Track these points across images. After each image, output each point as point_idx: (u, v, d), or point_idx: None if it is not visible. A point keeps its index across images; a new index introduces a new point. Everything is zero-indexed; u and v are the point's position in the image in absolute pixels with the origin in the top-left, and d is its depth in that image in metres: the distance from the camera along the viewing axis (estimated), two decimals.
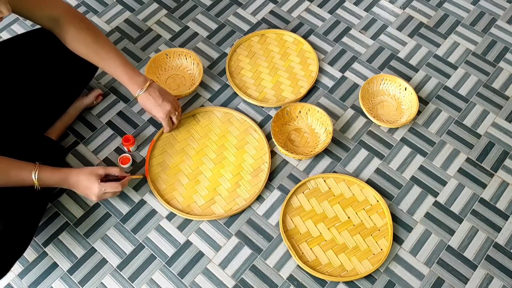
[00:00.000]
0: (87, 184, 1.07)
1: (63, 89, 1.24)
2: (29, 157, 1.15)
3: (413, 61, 1.48)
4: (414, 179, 1.28)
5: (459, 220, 1.22)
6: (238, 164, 1.27)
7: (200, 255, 1.18)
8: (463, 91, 1.43)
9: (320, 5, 1.61)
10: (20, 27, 1.56)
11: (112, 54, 1.14)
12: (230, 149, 1.30)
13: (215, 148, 1.30)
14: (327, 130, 1.30)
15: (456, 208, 1.24)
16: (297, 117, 1.35)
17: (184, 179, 1.26)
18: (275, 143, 1.27)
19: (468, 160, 1.31)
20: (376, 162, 1.30)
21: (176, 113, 1.25)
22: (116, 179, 1.13)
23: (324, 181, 1.26)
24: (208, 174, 1.26)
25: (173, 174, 1.27)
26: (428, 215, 1.23)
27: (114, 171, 1.13)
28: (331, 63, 1.48)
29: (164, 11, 1.59)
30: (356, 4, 1.61)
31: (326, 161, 1.30)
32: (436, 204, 1.25)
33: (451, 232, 1.21)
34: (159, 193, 1.24)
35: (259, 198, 1.25)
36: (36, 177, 1.01)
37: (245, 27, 1.56)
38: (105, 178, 1.11)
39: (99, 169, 1.10)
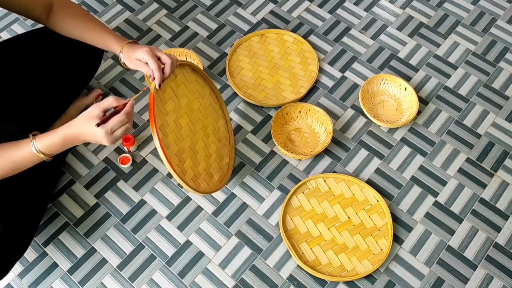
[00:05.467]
0: (89, 130, 0.91)
1: (63, 89, 1.24)
2: None
3: (413, 61, 1.48)
4: (414, 179, 1.28)
5: (459, 220, 1.22)
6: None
7: (200, 255, 1.18)
8: (463, 91, 1.43)
9: (320, 5, 1.61)
10: (20, 27, 1.56)
11: (103, 28, 1.10)
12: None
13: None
14: (327, 130, 1.30)
15: (456, 208, 1.24)
16: (297, 117, 1.35)
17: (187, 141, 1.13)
18: (275, 143, 1.27)
19: (468, 160, 1.31)
20: (376, 162, 1.30)
21: (162, 54, 1.03)
22: (118, 111, 0.94)
23: (324, 181, 1.26)
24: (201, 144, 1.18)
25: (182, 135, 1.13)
26: (428, 215, 1.23)
27: (109, 103, 0.92)
28: (331, 63, 1.48)
29: (164, 11, 1.59)
30: (356, 4, 1.61)
31: (326, 161, 1.30)
32: (436, 204, 1.25)
33: (451, 232, 1.21)
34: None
35: (259, 198, 1.25)
36: (36, 148, 0.91)
37: (245, 27, 1.56)
38: (106, 116, 0.93)
39: (93, 110, 0.91)
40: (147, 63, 1.01)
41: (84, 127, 0.91)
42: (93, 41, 1.10)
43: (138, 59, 1.02)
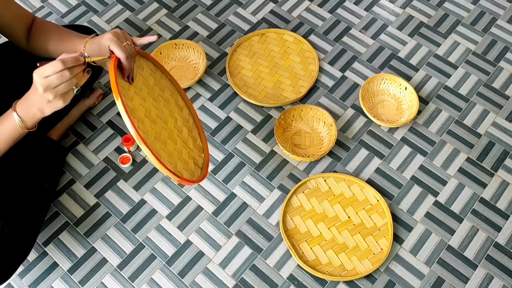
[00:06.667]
0: (31, 89, 0.85)
1: None
2: (30, 157, 1.15)
3: (413, 61, 1.48)
4: (414, 179, 1.28)
5: (459, 219, 1.22)
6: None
7: (200, 254, 1.18)
8: (463, 90, 1.43)
9: (320, 5, 1.61)
10: None
11: (72, 34, 1.05)
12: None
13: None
14: (329, 126, 1.30)
15: (456, 207, 1.24)
16: (296, 120, 1.35)
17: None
18: (283, 150, 1.28)
19: (468, 159, 1.31)
20: (376, 162, 1.30)
21: (126, 42, 0.94)
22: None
23: (324, 180, 1.26)
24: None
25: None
26: (428, 215, 1.23)
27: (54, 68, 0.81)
28: (331, 62, 1.48)
29: (164, 11, 1.59)
30: (356, 3, 1.61)
31: (326, 160, 1.30)
32: (436, 203, 1.25)
33: (451, 231, 1.21)
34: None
35: (259, 197, 1.25)
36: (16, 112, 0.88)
37: (245, 27, 1.56)
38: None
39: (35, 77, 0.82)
40: (112, 53, 0.91)
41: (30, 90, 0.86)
42: (66, 52, 1.00)
43: (105, 48, 0.93)
